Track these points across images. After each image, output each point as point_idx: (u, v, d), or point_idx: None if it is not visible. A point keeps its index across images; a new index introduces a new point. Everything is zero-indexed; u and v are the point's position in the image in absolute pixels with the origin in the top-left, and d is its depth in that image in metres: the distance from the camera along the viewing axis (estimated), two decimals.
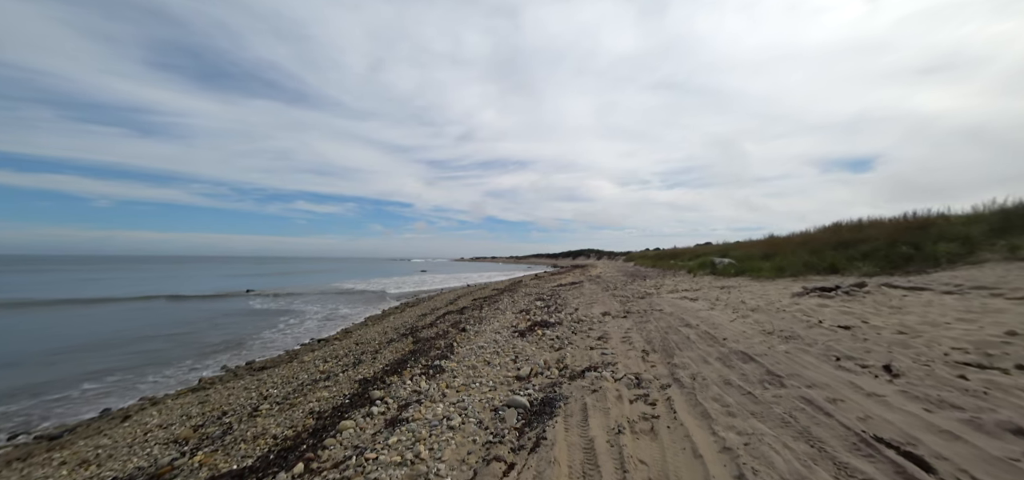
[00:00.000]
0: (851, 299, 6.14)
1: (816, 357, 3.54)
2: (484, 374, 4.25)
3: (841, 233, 12.84)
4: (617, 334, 5.61)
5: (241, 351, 8.61)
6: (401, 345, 6.70)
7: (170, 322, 12.55)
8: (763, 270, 11.82)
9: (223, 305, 16.68)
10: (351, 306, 17.38)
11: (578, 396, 3.25)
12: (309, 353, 7.50)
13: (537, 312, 8.81)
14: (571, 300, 10.49)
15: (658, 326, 5.84)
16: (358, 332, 9.84)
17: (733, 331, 4.96)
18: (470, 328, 7.66)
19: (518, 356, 4.88)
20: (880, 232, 10.85)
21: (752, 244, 18.74)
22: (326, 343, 8.81)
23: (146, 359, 7.88)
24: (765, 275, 11.36)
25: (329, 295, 21.45)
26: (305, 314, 14.65)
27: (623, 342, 5.11)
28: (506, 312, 9.44)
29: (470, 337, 6.50)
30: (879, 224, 12.01)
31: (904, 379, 2.79)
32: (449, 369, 4.60)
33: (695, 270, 17.67)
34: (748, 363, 3.62)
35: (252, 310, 15.34)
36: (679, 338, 4.96)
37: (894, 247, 9.05)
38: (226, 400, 4.90)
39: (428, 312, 12.23)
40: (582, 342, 5.27)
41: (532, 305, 10.12)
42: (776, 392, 2.84)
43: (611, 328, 6.08)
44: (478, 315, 9.70)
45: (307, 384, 4.89)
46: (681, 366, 3.77)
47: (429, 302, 16.66)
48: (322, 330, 11.48)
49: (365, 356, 6.15)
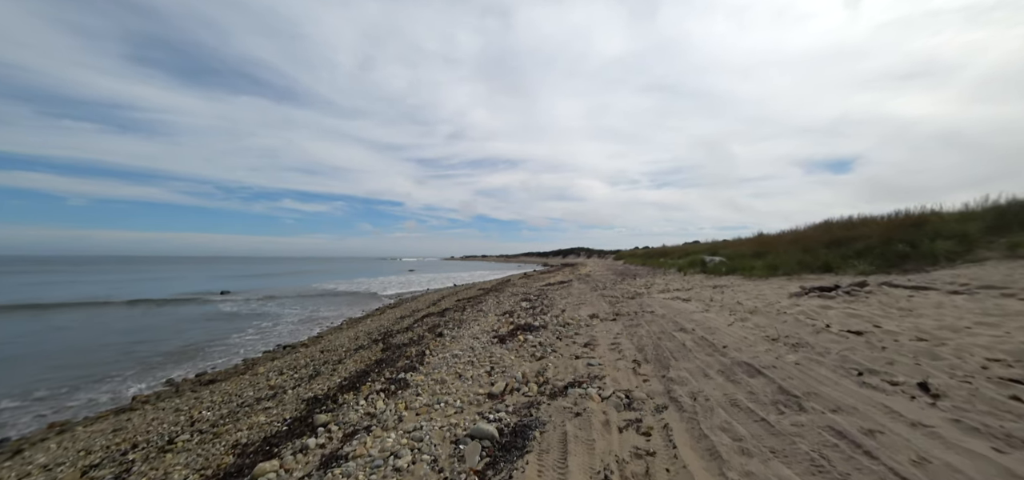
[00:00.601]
0: (854, 300, 5.74)
1: (833, 370, 3.06)
2: (453, 390, 3.68)
3: (832, 231, 12.60)
4: (605, 340, 5.09)
5: (197, 360, 7.82)
6: (369, 353, 6.08)
7: (128, 329, 11.60)
8: (755, 269, 11.48)
9: (191, 309, 15.69)
10: (331, 308, 16.59)
11: (558, 421, 2.71)
12: (268, 362, 6.81)
13: (521, 314, 8.26)
14: (558, 301, 9.97)
15: (650, 331, 5.35)
16: (329, 337, 9.15)
17: (733, 337, 4.48)
18: (447, 333, 7.07)
19: (494, 367, 4.32)
20: (872, 230, 10.59)
21: (742, 242, 18.51)
22: (292, 350, 8.11)
23: (85, 373, 6.96)
24: (758, 274, 11.02)
25: (309, 297, 20.56)
26: (280, 317, 13.82)
27: (612, 350, 4.59)
28: (489, 314, 8.87)
29: (445, 344, 5.92)
30: (871, 222, 11.79)
31: (948, 402, 2.31)
32: (414, 384, 4.01)
33: (685, 268, 17.35)
34: (756, 377, 3.12)
35: (222, 314, 14.40)
36: (674, 345, 4.46)
37: (889, 245, 8.76)
38: (146, 427, 4.18)
39: (408, 314, 11.57)
40: (566, 350, 4.74)
41: (517, 306, 9.58)
42: (796, 419, 2.33)
43: (599, 333, 5.56)
44: (459, 318, 9.11)
45: (248, 404, 4.24)
46: (678, 381, 3.26)
47: (412, 303, 15.98)
48: (294, 335, 10.73)
49: (326, 367, 5.52)
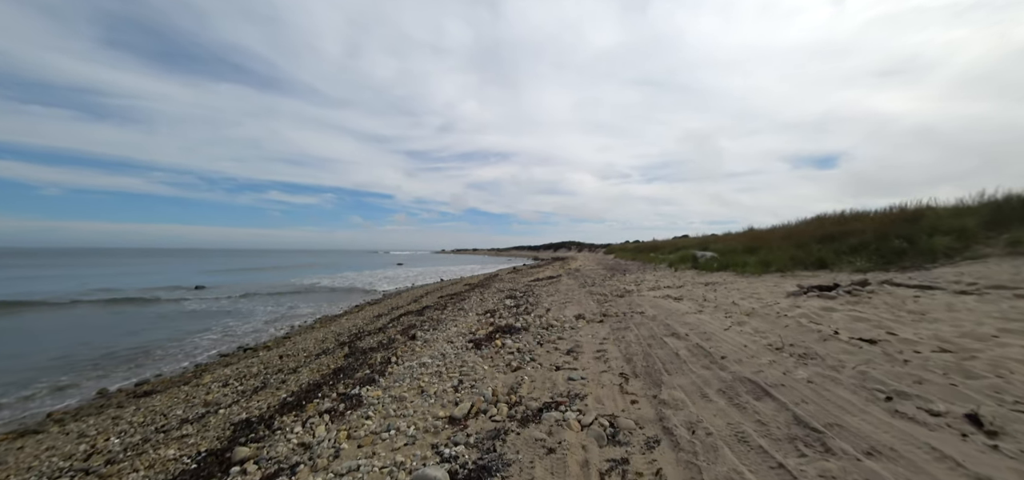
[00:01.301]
0: (857, 301, 5.35)
1: (853, 391, 2.59)
2: (410, 411, 3.13)
3: (825, 226, 12.34)
4: (590, 346, 4.59)
5: (144, 366, 7.08)
6: (331, 359, 5.49)
7: (81, 329, 10.71)
8: (748, 265, 11.15)
9: (158, 307, 14.77)
10: (309, 305, 15.85)
11: (526, 461, 2.18)
12: (220, 369, 6.15)
13: (504, 313, 7.74)
14: (544, 298, 9.48)
15: (640, 335, 4.86)
16: (296, 339, 8.50)
17: (731, 344, 4.02)
18: (421, 336, 6.50)
19: (463, 379, 3.78)
20: (866, 225, 10.32)
21: (733, 237, 18.28)
22: (251, 354, 7.45)
23: (8, 381, 6.08)
24: (750, 270, 10.68)
25: (287, 293, 19.71)
26: (251, 315, 13.04)
27: (597, 359, 4.09)
28: (470, 314, 8.33)
29: (416, 349, 5.36)
30: (864, 217, 11.55)
31: (1012, 442, 1.85)
32: (368, 402, 3.45)
33: (676, 264, 17.04)
34: (764, 400, 2.63)
35: (188, 312, 13.51)
36: (666, 354, 3.97)
37: (885, 241, 8.45)
38: (29, 462, 3.46)
39: (386, 312, 10.97)
40: (547, 358, 4.22)
41: (500, 305, 9.05)
42: (822, 465, 1.84)
43: (584, 337, 5.06)
44: (438, 317, 8.55)
45: (167, 428, 3.62)
46: (673, 404, 2.76)
47: (394, 299, 15.34)
48: (260, 335, 10.03)
49: (278, 376, 4.91)
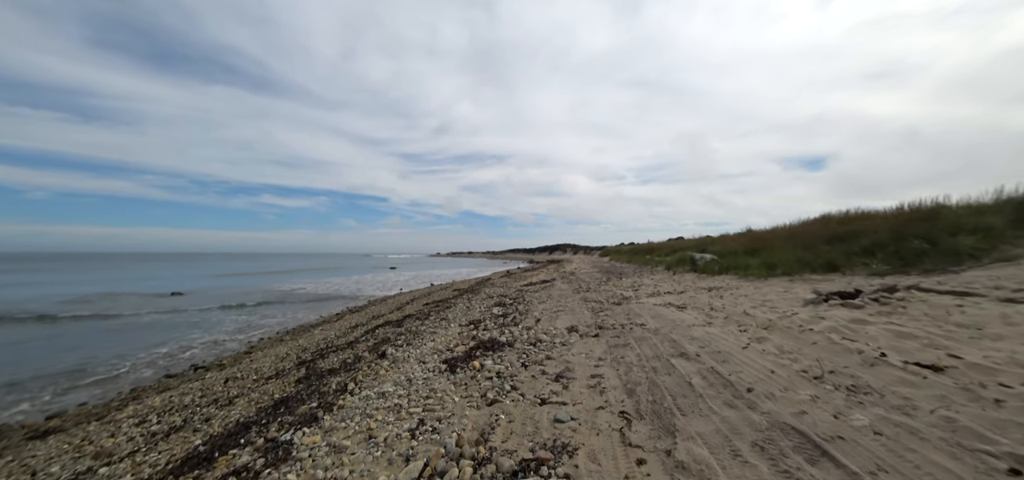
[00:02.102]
0: (889, 311, 4.65)
1: (951, 454, 1.85)
2: (346, 472, 2.36)
3: (830, 226, 11.74)
4: (584, 369, 3.84)
5: (75, 390, 6.16)
6: (281, 383, 4.68)
7: (22, 341, 9.73)
8: (751, 268, 10.49)
9: (114, 320, 13.66)
10: (288, 313, 14.93)
11: None
12: (153, 396, 5.28)
13: (489, 325, 6.97)
14: (535, 306, 8.72)
15: (642, 355, 4.12)
16: (254, 355, 7.64)
17: (755, 370, 3.28)
18: (393, 352, 5.71)
19: (425, 419, 3.01)
20: (877, 225, 9.72)
21: (731, 238, 17.67)
22: (202, 373, 6.59)
23: None
24: (754, 273, 10.02)
25: (266, 300, 18.74)
26: (218, 326, 12.10)
27: (591, 388, 3.34)
28: (452, 324, 7.55)
29: (381, 371, 4.57)
30: (873, 216, 10.95)
31: None
32: (299, 453, 2.67)
33: (673, 266, 16.39)
34: (820, 464, 1.89)
35: (148, 323, 12.40)
36: (676, 383, 3.23)
37: (903, 241, 7.81)
38: None
39: (364, 322, 10.14)
40: (531, 386, 3.47)
41: (487, 314, 8.28)
42: None
43: (577, 356, 4.31)
44: (417, 328, 7.75)
45: None
46: (695, 470, 2.00)
47: (377, 306, 14.49)
48: (219, 350, 9.13)
49: (209, 409, 4.10)
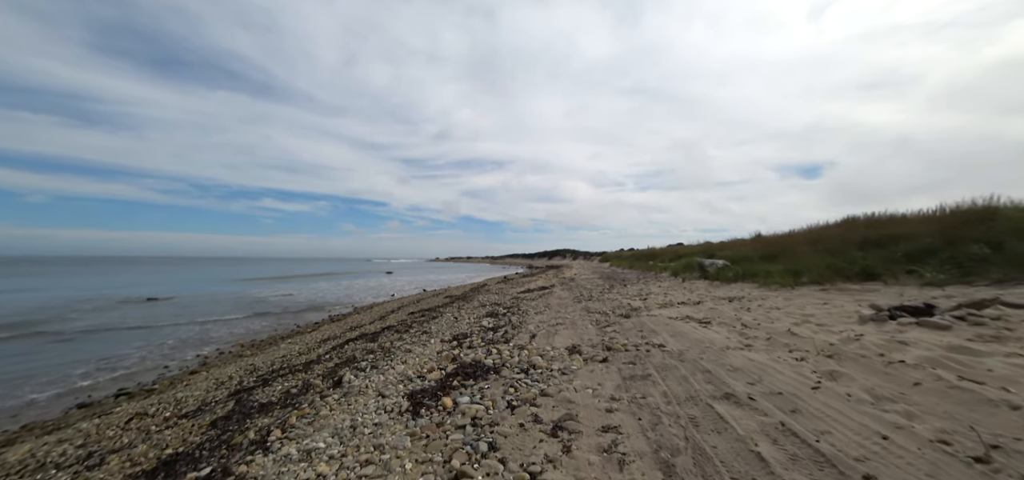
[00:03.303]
0: (989, 333, 3.56)
1: None
2: None
3: (857, 229, 10.68)
4: (591, 417, 2.75)
5: None
6: (193, 424, 3.60)
7: None
8: (772, 275, 9.41)
9: (75, 324, 12.52)
10: (262, 322, 13.80)
11: None
12: (32, 438, 4.15)
13: (475, 341, 5.88)
14: (531, 317, 7.63)
15: (670, 394, 3.03)
16: (192, 379, 6.50)
17: (851, 430, 2.20)
18: (352, 378, 4.62)
19: None
20: (915, 228, 8.66)
21: (743, 243, 16.59)
22: (120, 401, 5.47)
23: None
24: (777, 282, 8.93)
25: (247, 307, 17.61)
26: (179, 337, 10.92)
27: (604, 454, 2.25)
28: (433, 340, 6.45)
29: (324, 410, 3.49)
30: (906, 219, 9.89)
31: None
32: None
33: (680, 272, 15.31)
34: None
35: (96, 336, 11.04)
36: (732, 450, 2.14)
37: (958, 246, 6.74)
38: None
39: (337, 334, 9.04)
40: (516, 444, 2.38)
41: (476, 326, 7.19)
42: None
43: (581, 393, 3.22)
44: (393, 344, 6.65)
45: None
46: None
47: (360, 315, 13.39)
48: (166, 367, 7.97)
49: (65, 472, 3.01)
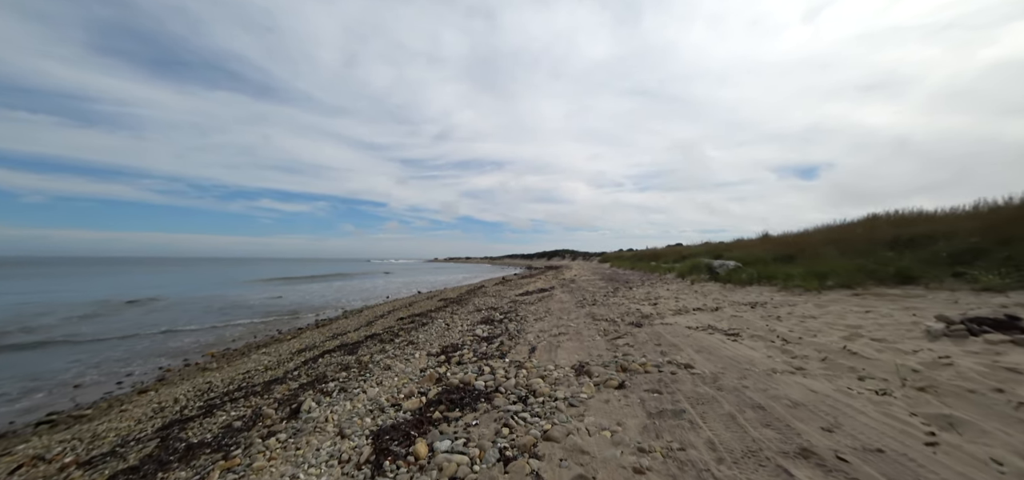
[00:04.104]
0: None
1: None
2: None
3: (881, 228, 9.93)
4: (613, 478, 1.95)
5: None
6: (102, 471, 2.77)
7: None
8: (792, 277, 8.63)
9: (25, 334, 11.57)
10: (243, 326, 12.97)
11: None
12: None
13: (466, 354, 5.08)
14: (530, 324, 6.84)
15: (718, 444, 2.23)
16: (133, 402, 5.66)
17: None
18: (312, 405, 3.81)
19: None
20: (952, 226, 7.90)
21: (753, 243, 15.83)
22: (50, 428, 4.64)
23: None
24: (800, 285, 8.15)
25: (229, 311, 16.75)
26: (140, 346, 10.06)
27: None
28: (419, 351, 5.65)
29: (259, 461, 2.68)
30: (937, 217, 9.14)
31: None
32: None
33: (686, 274, 14.52)
34: None
35: (52, 345, 10.06)
36: None
37: (1016, 245, 5.95)
38: None
39: (315, 345, 8.22)
40: None
41: (468, 335, 6.38)
42: None
43: (595, 439, 2.42)
44: (371, 357, 5.84)
45: None
46: None
47: (348, 319, 12.57)
48: (118, 382, 7.12)
49: None
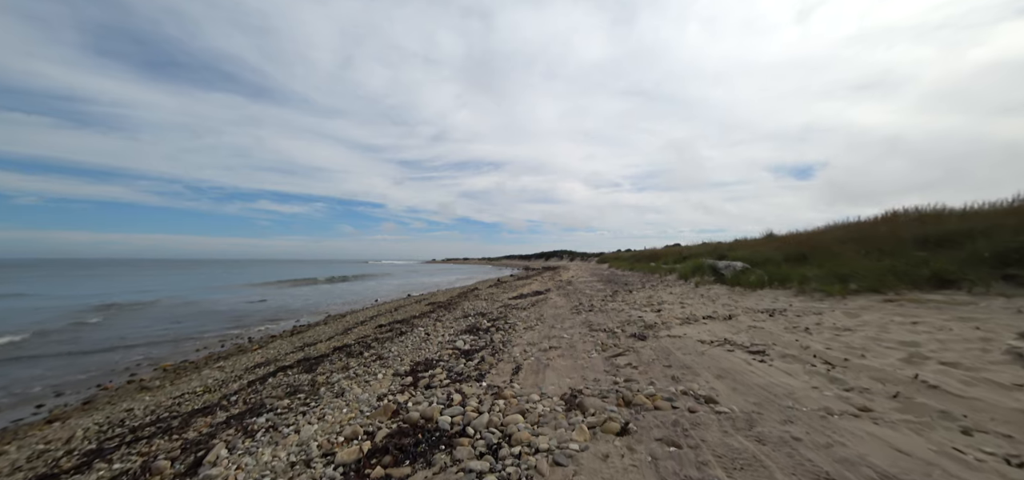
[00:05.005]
0: None
1: None
2: None
3: (903, 224, 9.13)
4: None
5: None
6: None
7: None
8: (809, 280, 7.81)
9: None
10: (209, 336, 12.01)
11: None
12: None
13: (439, 374, 4.21)
14: (519, 333, 5.98)
15: None
16: (15, 440, 4.71)
17: None
18: (219, 458, 2.92)
19: None
20: (991, 221, 7.10)
21: (757, 243, 15.00)
22: None
23: None
24: (815, 288, 7.33)
25: (198, 317, 15.74)
26: (89, 359, 9.09)
27: None
28: (385, 370, 4.77)
29: None
30: (970, 214, 8.35)
31: None
32: None
33: (688, 275, 13.69)
34: None
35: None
36: None
37: None
38: None
39: (277, 357, 7.32)
40: None
41: (447, 348, 5.50)
42: None
43: None
44: (328, 377, 4.96)
45: None
46: None
47: (328, 325, 11.65)
48: (38, 405, 6.17)
49: None
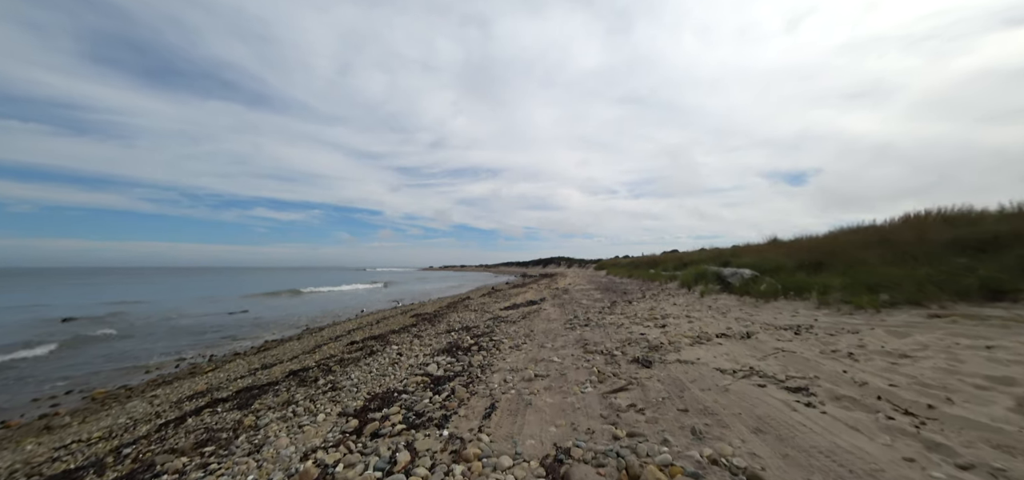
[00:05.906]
0: None
1: None
2: None
3: (932, 227, 8.31)
4: None
5: None
6: None
7: None
8: (830, 289, 6.97)
9: None
10: (167, 354, 10.99)
11: None
12: None
13: (392, 418, 3.31)
14: (503, 354, 5.08)
15: None
16: None
17: None
18: None
19: None
20: None
21: (763, 248, 14.18)
22: None
23: None
24: (840, 299, 6.49)
25: (166, 332, 14.67)
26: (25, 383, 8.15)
27: None
28: (335, 406, 3.87)
29: None
30: (1008, 215, 7.54)
31: None
32: None
33: (691, 283, 12.82)
34: None
35: None
36: None
37: None
38: None
39: (221, 383, 6.41)
40: None
41: (415, 376, 4.59)
42: None
43: None
44: (256, 420, 4.05)
45: None
46: None
47: (302, 340, 10.69)
48: None
49: None
